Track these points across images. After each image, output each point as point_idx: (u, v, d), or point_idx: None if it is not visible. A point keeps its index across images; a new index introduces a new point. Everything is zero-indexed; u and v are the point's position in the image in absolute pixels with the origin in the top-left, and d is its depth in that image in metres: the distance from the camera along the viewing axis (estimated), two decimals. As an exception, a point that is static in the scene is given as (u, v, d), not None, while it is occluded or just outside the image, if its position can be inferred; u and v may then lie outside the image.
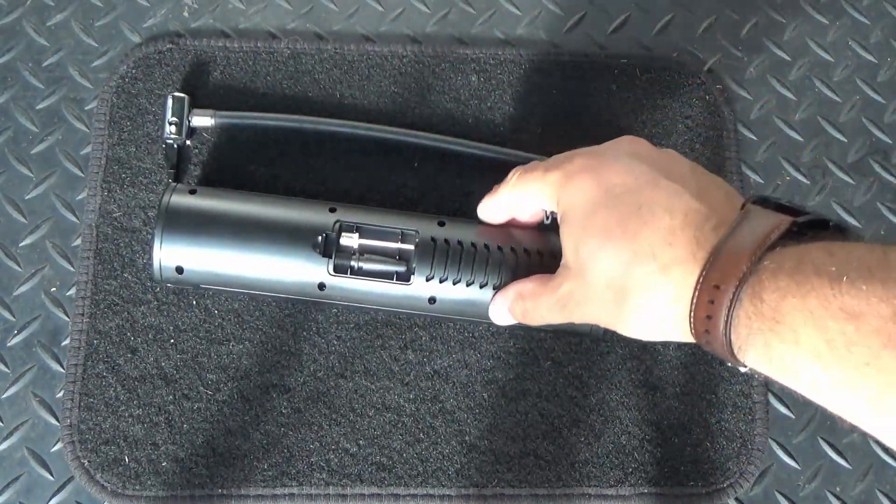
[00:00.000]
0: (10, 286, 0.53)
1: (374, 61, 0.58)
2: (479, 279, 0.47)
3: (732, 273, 0.35)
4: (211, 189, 0.50)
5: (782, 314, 0.33)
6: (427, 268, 0.47)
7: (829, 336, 0.32)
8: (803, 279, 0.33)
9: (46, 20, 0.59)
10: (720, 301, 0.35)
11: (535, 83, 0.59)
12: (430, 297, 0.47)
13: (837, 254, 0.33)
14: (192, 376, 0.51)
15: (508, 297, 0.46)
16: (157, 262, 0.47)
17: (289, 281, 0.47)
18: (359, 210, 0.49)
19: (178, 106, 0.53)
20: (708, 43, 0.62)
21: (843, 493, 0.53)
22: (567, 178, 0.42)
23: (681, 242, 0.37)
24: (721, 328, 0.36)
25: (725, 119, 0.59)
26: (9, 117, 0.57)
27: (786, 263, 0.34)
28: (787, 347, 0.33)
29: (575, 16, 0.62)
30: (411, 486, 0.51)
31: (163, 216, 0.47)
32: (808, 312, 0.32)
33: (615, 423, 0.52)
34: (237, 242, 0.47)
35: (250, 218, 0.47)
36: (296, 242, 0.47)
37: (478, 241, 0.47)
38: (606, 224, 0.39)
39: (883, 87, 0.62)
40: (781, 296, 0.33)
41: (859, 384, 0.32)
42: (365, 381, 0.52)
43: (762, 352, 0.35)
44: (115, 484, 0.49)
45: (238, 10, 0.60)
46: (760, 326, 0.34)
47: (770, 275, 0.34)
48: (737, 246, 0.36)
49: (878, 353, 0.31)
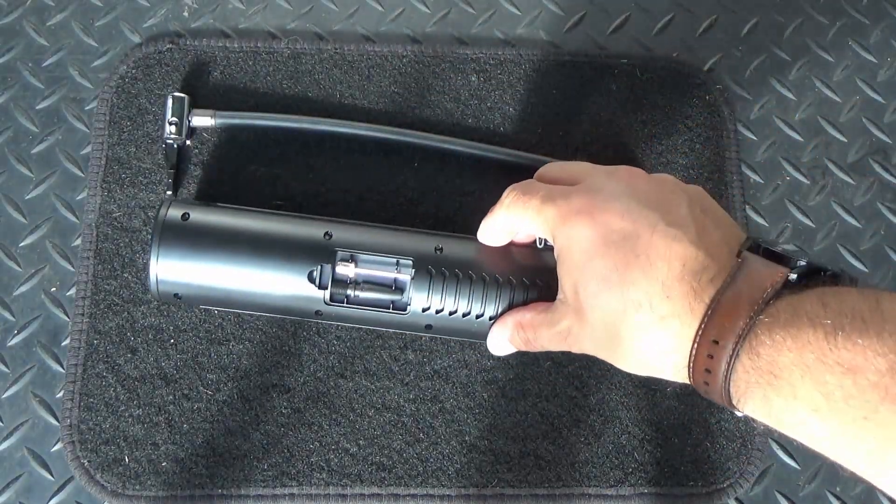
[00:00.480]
0: (10, 286, 0.53)
1: (374, 61, 0.58)
2: (476, 310, 0.47)
3: (731, 329, 0.35)
4: (204, 209, 0.48)
5: (779, 368, 0.34)
6: (423, 298, 0.47)
7: (826, 390, 0.32)
8: (798, 333, 0.33)
9: (46, 20, 0.59)
10: (719, 356, 0.36)
11: (535, 83, 0.59)
12: (426, 325, 0.48)
13: (831, 304, 0.33)
14: (192, 376, 0.51)
15: (507, 328, 0.46)
16: (154, 288, 0.47)
17: (285, 308, 0.48)
18: (355, 229, 0.48)
19: (178, 106, 0.53)
20: (708, 43, 0.62)
21: (843, 493, 0.53)
22: (563, 218, 0.41)
23: (678, 295, 0.38)
24: (720, 381, 0.36)
25: (725, 119, 0.59)
26: (9, 117, 0.57)
27: (781, 316, 0.34)
28: (784, 401, 0.34)
29: (575, 16, 0.62)
30: (411, 486, 0.51)
31: (156, 245, 0.46)
32: (805, 367, 0.33)
33: (615, 423, 0.52)
34: (231, 273, 0.46)
35: (245, 247, 0.47)
36: (291, 274, 0.46)
37: (475, 271, 0.47)
38: (604, 271, 0.39)
39: (883, 87, 0.62)
40: (778, 350, 0.34)
41: (858, 437, 0.32)
42: (365, 381, 0.52)
43: (761, 404, 0.35)
44: (115, 484, 0.49)
45: (238, 10, 0.60)
46: (758, 380, 0.35)
47: (766, 329, 0.34)
48: (735, 301, 0.36)
49: (875, 408, 0.31)
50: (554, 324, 0.43)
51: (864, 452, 0.32)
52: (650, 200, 0.41)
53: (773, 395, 0.34)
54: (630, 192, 0.41)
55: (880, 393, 0.31)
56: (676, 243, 0.38)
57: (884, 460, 0.32)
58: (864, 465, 0.33)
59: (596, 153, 0.57)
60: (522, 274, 0.47)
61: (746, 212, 0.58)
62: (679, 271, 0.38)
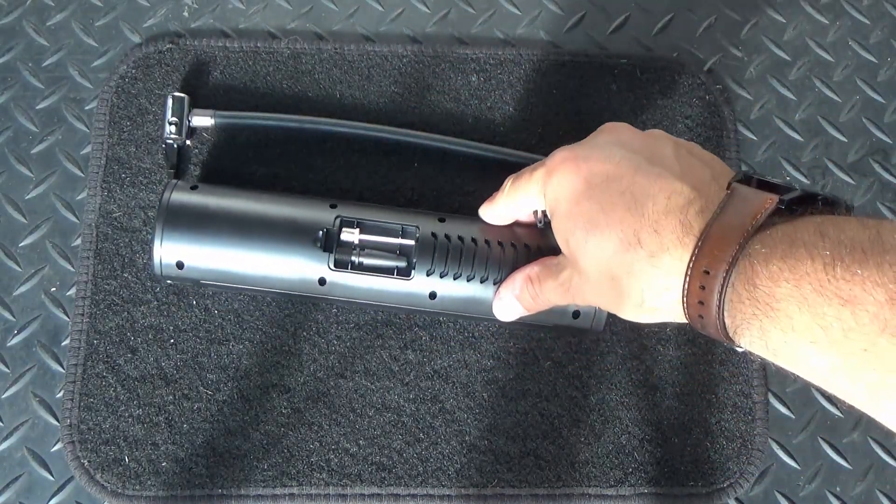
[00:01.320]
0: (10, 286, 0.53)
1: (374, 61, 0.58)
2: (480, 274, 0.47)
3: (721, 257, 0.35)
4: (212, 185, 0.50)
5: (777, 300, 0.33)
6: (427, 263, 0.47)
7: (825, 322, 0.31)
8: (796, 264, 0.32)
9: (46, 20, 0.59)
10: (711, 286, 0.35)
11: (535, 83, 0.59)
12: (430, 293, 0.47)
13: (829, 234, 0.33)
14: (192, 376, 0.51)
15: (516, 285, 0.46)
16: (157, 257, 0.47)
17: (289, 276, 0.47)
18: (359, 206, 0.49)
19: (178, 106, 0.53)
20: (708, 43, 0.62)
21: (843, 493, 0.53)
22: (549, 173, 0.43)
23: (666, 228, 0.37)
24: (714, 312, 0.36)
25: (725, 119, 0.59)
26: (9, 117, 0.57)
27: (778, 246, 0.34)
28: (782, 333, 0.33)
29: (575, 16, 0.62)
30: (411, 486, 0.51)
31: (163, 211, 0.47)
32: (803, 298, 0.32)
33: (615, 423, 0.52)
34: (237, 237, 0.47)
35: (251, 213, 0.48)
36: (296, 237, 0.47)
37: (478, 237, 0.48)
38: (590, 213, 0.39)
39: (883, 87, 0.62)
40: (775, 281, 0.33)
41: (858, 369, 0.31)
42: (365, 381, 0.52)
43: (758, 336, 0.34)
44: (115, 484, 0.49)
45: (238, 10, 0.60)
46: (755, 312, 0.34)
47: (762, 259, 0.34)
48: (724, 229, 0.35)
49: (874, 340, 0.30)
50: (558, 273, 0.43)
51: (863, 385, 0.32)
52: (634, 145, 0.41)
53: (770, 327, 0.33)
54: (614, 140, 0.42)
55: (879, 325, 0.30)
56: (660, 181, 0.38)
57: (883, 393, 0.31)
58: (863, 399, 0.32)
59: (596, 153, 0.57)
60: (526, 242, 0.48)
61: (746, 212, 0.58)
62: (664, 205, 0.38)
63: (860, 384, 0.32)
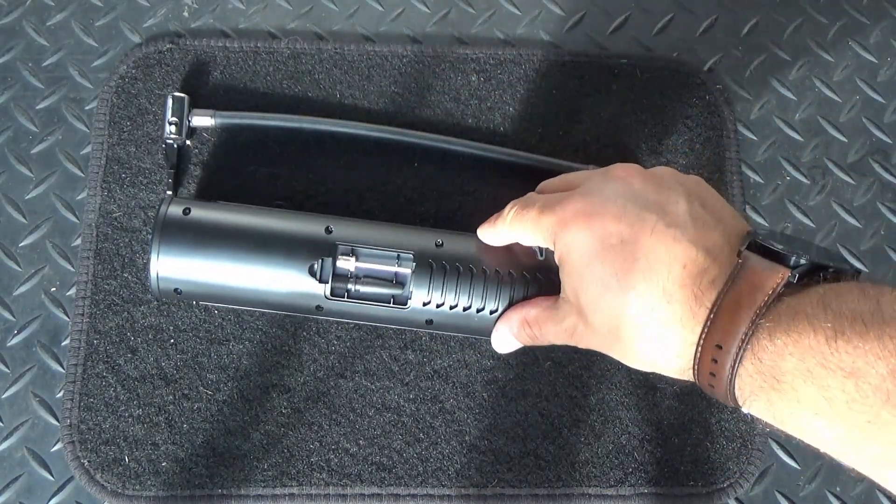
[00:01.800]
0: (10, 286, 0.53)
1: (374, 61, 0.58)
2: (477, 304, 0.47)
3: (733, 333, 0.35)
4: (205, 205, 0.49)
5: (782, 373, 0.34)
6: (424, 292, 0.47)
7: (829, 394, 0.32)
8: (800, 337, 0.33)
9: (46, 20, 0.59)
10: (723, 361, 0.36)
11: (535, 83, 0.59)
12: (427, 320, 0.48)
13: (832, 305, 0.33)
14: (192, 376, 0.51)
15: (513, 325, 0.46)
16: (154, 284, 0.47)
17: (286, 303, 0.48)
18: (355, 225, 0.48)
19: (178, 106, 0.53)
20: (708, 43, 0.62)
21: (843, 493, 0.53)
22: (561, 225, 0.42)
23: (679, 300, 0.37)
24: (725, 385, 0.36)
25: (725, 119, 0.59)
26: (9, 117, 0.57)
27: (782, 319, 0.34)
28: (788, 405, 0.34)
29: (575, 16, 0.62)
30: (411, 486, 0.51)
31: (157, 239, 0.46)
32: (808, 371, 0.33)
33: (615, 423, 0.52)
34: (233, 267, 0.46)
35: (246, 241, 0.47)
36: (292, 268, 0.46)
37: (476, 263, 0.47)
38: (603, 276, 0.39)
39: (883, 87, 0.62)
40: (780, 355, 0.34)
41: (862, 441, 0.32)
42: (365, 381, 0.52)
43: (765, 406, 0.35)
44: (115, 484, 0.49)
45: (238, 10, 0.60)
46: (762, 385, 0.35)
47: (767, 333, 0.34)
48: (735, 304, 0.36)
49: (878, 412, 0.31)
50: (560, 321, 0.43)
51: (868, 455, 0.32)
52: (648, 200, 0.40)
53: (777, 399, 0.34)
54: (626, 192, 0.41)
55: (882, 396, 0.31)
56: (676, 244, 0.38)
57: (886, 463, 0.32)
58: (868, 467, 0.33)
59: (596, 153, 0.57)
60: (523, 269, 0.47)
61: (746, 212, 0.58)
62: (679, 275, 0.38)
63: (865, 455, 0.33)
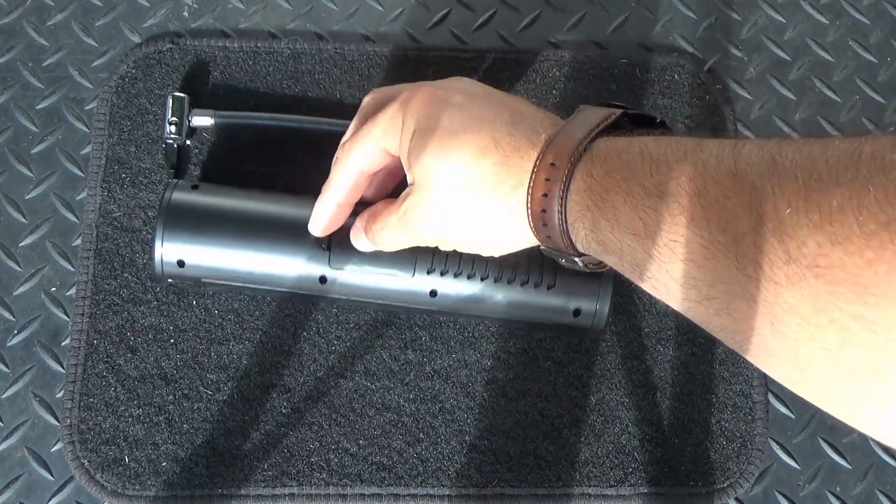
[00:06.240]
0: (10, 286, 0.53)
1: (374, 61, 0.58)
2: (480, 271, 0.47)
3: (567, 150, 0.37)
4: (213, 185, 0.50)
5: (606, 190, 0.35)
6: (428, 261, 0.47)
7: (644, 214, 0.33)
8: (629, 159, 0.35)
9: (46, 20, 0.59)
10: (556, 176, 0.37)
11: (535, 83, 0.59)
12: (430, 291, 0.48)
13: (662, 140, 0.35)
14: (192, 376, 0.51)
15: (363, 219, 0.46)
16: (158, 255, 0.47)
17: (290, 275, 0.48)
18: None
19: (178, 106, 0.53)
20: (708, 43, 0.62)
21: (843, 493, 0.53)
22: (406, 101, 0.42)
23: (521, 132, 0.39)
24: (557, 206, 0.37)
25: (725, 119, 0.59)
26: (9, 117, 0.57)
27: (617, 144, 0.36)
28: (609, 224, 0.35)
29: (575, 16, 0.62)
30: (411, 486, 0.51)
31: (164, 211, 0.47)
32: (629, 191, 0.34)
33: (615, 423, 0.52)
34: (238, 236, 0.47)
35: (251, 212, 0.48)
36: (297, 236, 0.47)
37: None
38: (449, 128, 0.40)
39: (883, 87, 0.62)
40: (607, 172, 0.35)
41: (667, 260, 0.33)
42: (365, 381, 0.52)
43: (590, 229, 0.36)
44: (115, 484, 0.49)
45: (238, 10, 0.60)
46: (589, 204, 0.36)
47: (600, 153, 0.36)
48: (572, 131, 0.38)
49: (682, 231, 0.32)
50: (397, 207, 0.43)
51: (669, 277, 0.33)
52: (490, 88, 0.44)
53: (600, 217, 0.35)
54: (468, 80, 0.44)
55: (686, 216, 0.32)
56: (516, 103, 0.41)
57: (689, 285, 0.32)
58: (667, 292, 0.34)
59: (596, 153, 0.57)
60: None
61: (746, 212, 0.58)
62: (520, 116, 0.40)
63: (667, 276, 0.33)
